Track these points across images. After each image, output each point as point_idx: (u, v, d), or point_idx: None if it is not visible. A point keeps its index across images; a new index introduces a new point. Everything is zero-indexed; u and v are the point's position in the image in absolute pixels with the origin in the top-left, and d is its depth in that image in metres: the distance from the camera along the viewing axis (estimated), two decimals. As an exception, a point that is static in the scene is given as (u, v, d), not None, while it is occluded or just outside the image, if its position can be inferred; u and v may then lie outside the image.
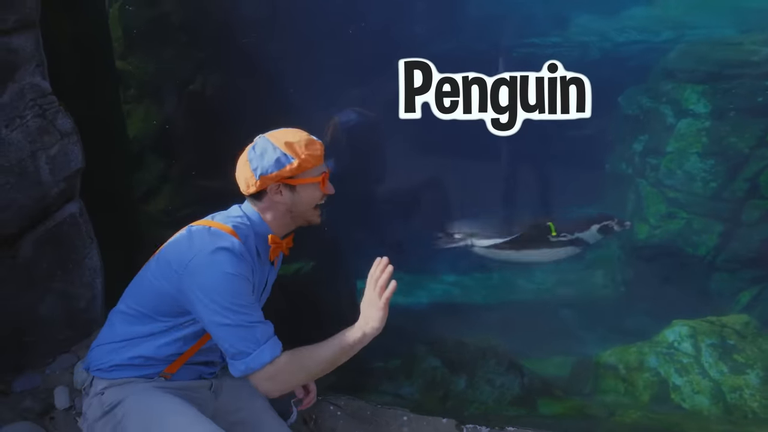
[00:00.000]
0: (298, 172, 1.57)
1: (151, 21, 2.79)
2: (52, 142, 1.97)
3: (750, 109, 3.63)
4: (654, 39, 5.99)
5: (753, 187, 3.59)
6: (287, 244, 1.69)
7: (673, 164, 3.88)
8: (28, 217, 1.95)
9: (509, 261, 3.96)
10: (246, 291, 1.48)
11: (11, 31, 1.85)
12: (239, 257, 1.49)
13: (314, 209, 1.64)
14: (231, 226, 1.55)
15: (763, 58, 3.74)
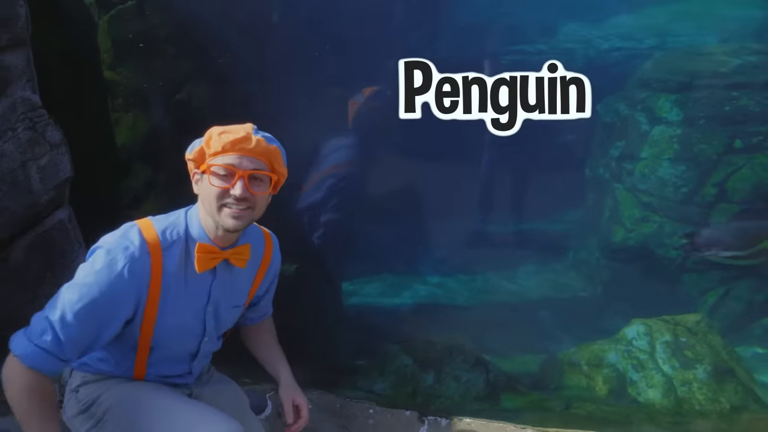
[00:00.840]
0: (201, 157, 1.37)
1: (139, 33, 2.92)
2: (42, 153, 2.10)
3: (718, 118, 3.77)
4: (638, 46, 6.14)
5: (721, 192, 3.73)
6: (235, 254, 1.45)
7: (647, 169, 4.02)
8: (19, 223, 2.07)
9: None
10: (92, 297, 1.28)
11: (4, 48, 1.98)
12: (123, 260, 1.30)
13: (219, 208, 1.36)
14: (157, 229, 1.38)
15: (731, 69, 3.88)
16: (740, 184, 3.70)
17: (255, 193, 1.37)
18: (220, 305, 1.51)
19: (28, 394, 1.28)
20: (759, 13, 5.64)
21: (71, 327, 1.28)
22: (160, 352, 1.46)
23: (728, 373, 2.21)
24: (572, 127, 5.22)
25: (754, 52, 4.09)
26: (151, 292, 1.36)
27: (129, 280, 1.31)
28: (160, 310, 1.39)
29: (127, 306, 1.34)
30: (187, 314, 1.45)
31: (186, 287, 1.42)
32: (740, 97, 3.76)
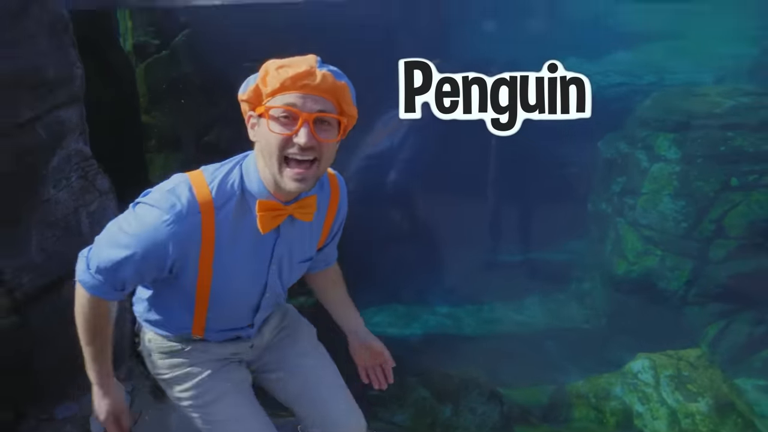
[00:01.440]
0: (257, 97, 1.17)
1: (173, 80, 3.12)
2: (92, 200, 2.27)
3: (714, 157, 3.96)
4: (637, 82, 6.38)
5: (719, 228, 3.90)
6: (300, 207, 1.27)
7: (648, 204, 4.20)
8: (69, 264, 2.23)
9: None
10: (138, 255, 1.19)
11: (60, 105, 2.16)
12: (165, 223, 1.17)
13: (279, 159, 1.16)
14: (209, 183, 1.21)
15: (725, 110, 4.08)
16: (737, 220, 3.87)
17: (322, 140, 1.16)
18: (285, 262, 1.36)
19: (88, 314, 1.29)
20: (753, 51, 5.90)
21: (118, 271, 1.22)
22: (218, 309, 1.34)
23: (729, 406, 2.35)
24: (575, 161, 5.44)
25: (747, 93, 4.30)
26: (203, 253, 1.23)
27: (175, 241, 1.18)
28: (215, 270, 1.27)
29: (177, 261, 1.22)
30: (247, 274, 1.32)
31: (244, 247, 1.26)
32: (735, 137, 3.96)
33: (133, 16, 2.85)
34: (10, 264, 2.07)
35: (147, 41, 2.92)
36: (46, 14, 2.08)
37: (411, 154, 4.44)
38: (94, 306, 1.30)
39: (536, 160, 5.07)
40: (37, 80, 2.06)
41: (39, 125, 2.10)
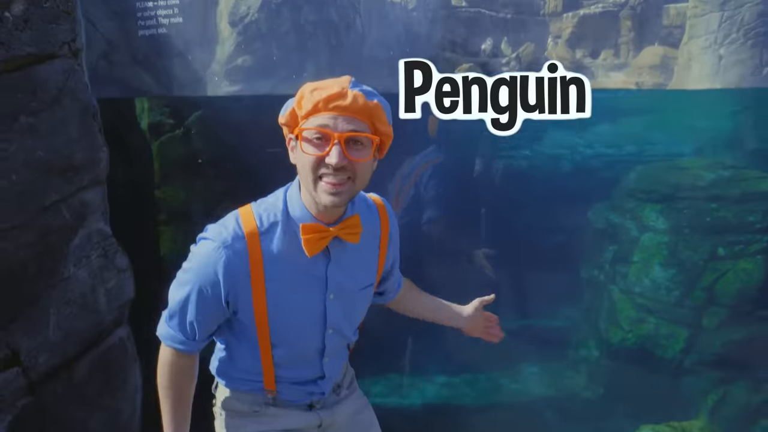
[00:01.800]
0: (293, 120, 1.23)
1: (184, 157, 3.24)
2: (110, 277, 2.32)
3: (701, 227, 4.13)
4: (619, 153, 6.68)
5: (710, 295, 4.02)
6: (345, 228, 1.27)
7: (640, 273, 4.32)
8: (85, 342, 2.26)
9: None
10: (194, 293, 1.27)
11: (86, 187, 2.25)
12: (213, 253, 1.23)
13: (314, 180, 1.20)
14: (255, 213, 1.27)
15: (708, 182, 4.30)
16: (727, 288, 4.00)
17: (354, 159, 1.18)
18: (344, 290, 1.34)
19: (166, 370, 1.35)
20: (728, 125, 6.23)
21: (185, 312, 1.29)
22: (282, 349, 1.34)
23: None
24: (565, 229, 5.59)
25: (727, 166, 4.54)
26: (255, 282, 1.25)
27: (224, 269, 1.22)
28: (269, 301, 1.28)
29: (231, 293, 1.26)
30: (303, 304, 1.31)
31: (296, 274, 1.27)
32: (719, 208, 4.14)
33: (150, 98, 2.99)
34: (27, 343, 2.10)
35: (162, 121, 3.05)
36: (77, 103, 2.21)
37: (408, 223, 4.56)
38: (172, 361, 1.35)
39: (529, 228, 5.22)
40: (66, 165, 2.17)
41: (63, 206, 2.18)
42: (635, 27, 12.27)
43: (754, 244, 3.99)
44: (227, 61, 3.51)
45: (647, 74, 11.00)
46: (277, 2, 3.52)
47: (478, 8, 12.20)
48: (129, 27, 2.68)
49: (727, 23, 8.17)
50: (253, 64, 3.49)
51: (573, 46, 12.10)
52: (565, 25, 12.65)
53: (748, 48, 7.96)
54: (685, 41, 8.72)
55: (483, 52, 11.24)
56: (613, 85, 10.25)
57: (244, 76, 3.50)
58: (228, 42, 3.55)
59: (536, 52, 11.48)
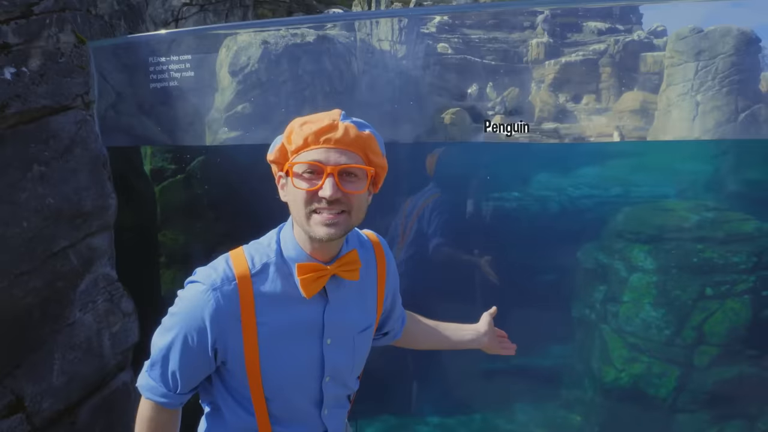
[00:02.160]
0: (283, 156, 1.19)
1: (185, 201, 3.31)
2: (115, 322, 2.35)
3: (688, 267, 4.24)
4: (605, 194, 6.87)
5: (700, 334, 4.09)
6: (343, 265, 1.20)
7: (630, 312, 4.40)
8: (88, 387, 2.27)
9: None
10: (179, 340, 1.19)
11: (94, 233, 2.30)
12: (200, 296, 1.15)
13: (307, 214, 1.15)
14: (246, 255, 1.20)
15: (693, 224, 4.45)
16: (716, 327, 4.08)
17: (349, 192, 1.13)
18: (343, 334, 1.25)
19: (145, 426, 1.27)
20: (707, 168, 6.44)
21: (168, 361, 1.21)
22: (278, 402, 1.23)
23: None
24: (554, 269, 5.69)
25: (710, 209, 4.70)
26: (246, 326, 1.16)
27: (212, 313, 1.15)
28: (261, 346, 1.18)
29: (219, 340, 1.17)
30: (298, 350, 1.21)
31: (290, 318, 1.19)
32: (704, 249, 4.27)
33: (153, 146, 3.07)
34: (32, 389, 2.11)
35: (163, 167, 3.12)
36: (88, 152, 2.29)
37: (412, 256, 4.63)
38: (151, 416, 1.26)
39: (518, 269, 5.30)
40: (75, 212, 2.23)
41: (72, 252, 2.23)
42: (615, 73, 12.77)
43: (740, 284, 4.10)
44: (227, 108, 3.62)
45: (628, 118, 11.38)
46: (277, 53, 3.66)
47: (464, 55, 12.66)
48: (137, 79, 2.78)
49: (702, 72, 8.58)
50: (252, 112, 3.60)
51: (556, 91, 12.54)
52: (548, 72, 13.14)
53: (723, 95, 8.33)
54: (664, 88, 9.09)
55: (469, 96, 11.60)
56: (595, 127, 10.58)
57: (243, 122, 3.61)
58: (228, 90, 3.67)
59: (520, 96, 11.87)
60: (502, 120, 10.45)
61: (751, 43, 8.22)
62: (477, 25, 12.55)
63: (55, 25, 2.21)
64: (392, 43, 8.45)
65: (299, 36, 3.70)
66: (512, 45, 12.71)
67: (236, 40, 3.80)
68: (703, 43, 8.35)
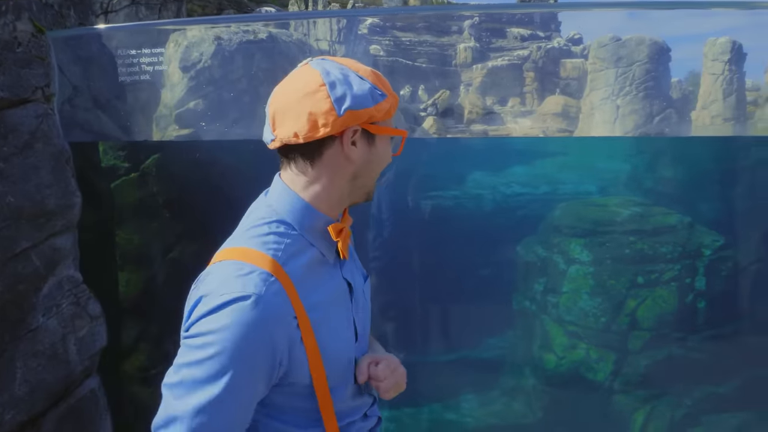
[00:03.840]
0: (384, 117, 1.07)
1: (140, 199, 3.18)
2: (82, 326, 2.23)
3: (621, 259, 4.57)
4: (534, 191, 7.24)
5: (633, 321, 4.43)
6: (347, 220, 1.14)
7: (569, 302, 4.67)
8: (53, 396, 2.15)
9: None
10: (229, 383, 0.93)
11: (57, 233, 2.18)
12: (251, 311, 0.93)
13: (376, 178, 1.13)
14: (256, 248, 1.01)
15: (624, 218, 4.80)
16: (647, 313, 4.42)
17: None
18: (358, 290, 1.18)
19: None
20: (626, 166, 6.95)
21: (227, 414, 0.93)
22: (340, 388, 1.10)
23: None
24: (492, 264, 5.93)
25: (637, 203, 5.08)
26: (301, 321, 0.99)
27: (275, 321, 0.96)
28: (318, 335, 1.02)
29: (285, 353, 0.98)
30: (340, 319, 1.10)
31: (326, 290, 1.07)
32: (636, 241, 4.61)
33: (105, 142, 2.94)
34: (-7, 400, 1.97)
35: (116, 164, 2.99)
36: (50, 148, 2.17)
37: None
38: None
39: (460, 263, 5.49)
40: (37, 211, 2.11)
41: (34, 253, 2.11)
42: (538, 78, 13.45)
43: (668, 273, 4.47)
44: (177, 104, 3.51)
45: (551, 120, 12.03)
46: (231, 50, 3.59)
47: (395, 57, 12.87)
48: (92, 72, 2.65)
49: (621, 78, 9.23)
50: (205, 108, 3.52)
51: (483, 94, 13.03)
52: (476, 75, 13.64)
53: (640, 99, 9.02)
54: (587, 93, 9.72)
55: (402, 98, 11.81)
56: (521, 129, 11.10)
57: (195, 119, 3.51)
58: (178, 87, 3.56)
59: (451, 99, 12.24)
60: (434, 121, 10.71)
61: (662, 52, 8.94)
62: (407, 27, 12.85)
63: (11, 12, 2.07)
64: (331, 43, 8.48)
65: (251, 33, 3.64)
66: (442, 48, 13.15)
67: (186, 36, 3.68)
68: (622, 51, 8.99)
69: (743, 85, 8.80)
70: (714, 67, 8.93)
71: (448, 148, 7.92)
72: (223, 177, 3.41)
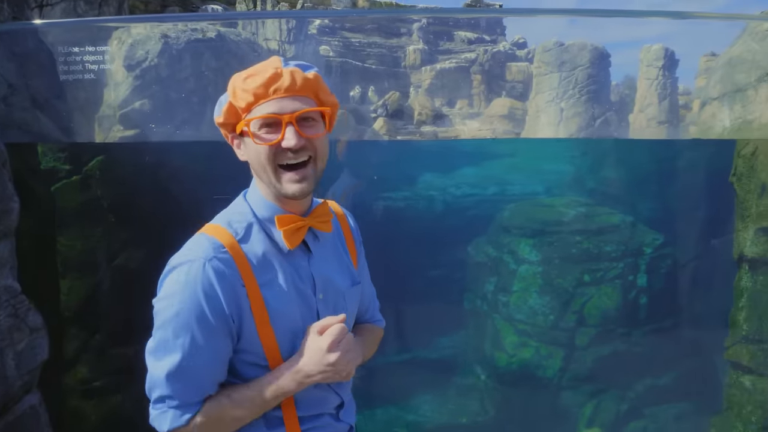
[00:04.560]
0: (233, 116, 1.14)
1: (83, 204, 3.04)
2: (20, 338, 2.10)
3: (568, 258, 4.71)
4: (483, 192, 7.38)
5: (580, 318, 4.57)
6: (317, 217, 1.20)
7: (519, 301, 4.78)
8: (-11, 414, 2.02)
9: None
10: (186, 334, 1.07)
11: (-7, 240, 2.05)
12: (195, 272, 1.08)
13: (275, 171, 1.13)
14: (224, 225, 1.15)
15: (571, 218, 4.94)
16: (593, 311, 4.58)
17: (311, 137, 1.12)
18: (333, 288, 1.23)
19: (225, 412, 1.11)
20: (569, 168, 7.18)
21: (192, 367, 1.08)
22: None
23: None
24: (444, 264, 6.00)
25: (582, 204, 5.24)
26: (250, 291, 1.11)
27: (219, 279, 1.08)
28: (270, 312, 1.13)
29: (234, 310, 1.10)
30: (300, 308, 1.17)
31: (284, 276, 1.15)
32: (582, 241, 4.76)
33: (44, 144, 2.79)
34: None
35: (56, 166, 2.85)
36: (-16, 149, 2.04)
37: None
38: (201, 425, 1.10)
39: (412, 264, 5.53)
40: (-28, 216, 1.97)
41: (-33, 262, 1.97)
42: (484, 81, 13.72)
43: (612, 271, 4.64)
44: (121, 104, 3.38)
45: (498, 122, 12.30)
46: (178, 48, 3.48)
47: (345, 58, 12.82)
48: (29, 69, 2.51)
49: (565, 81, 9.54)
50: (152, 108, 3.39)
51: (432, 96, 13.16)
52: (425, 77, 13.77)
53: (583, 103, 9.36)
54: (533, 96, 10.00)
55: (352, 99, 11.77)
56: (469, 131, 11.29)
57: (141, 119, 3.38)
58: (122, 86, 3.42)
59: (401, 100, 12.30)
60: (385, 122, 10.72)
61: (602, 58, 9.28)
62: (357, 29, 12.81)
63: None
64: (280, 43, 8.36)
65: (200, 32, 3.53)
66: (391, 50, 13.14)
67: (130, 33, 3.54)
68: (565, 56, 9.27)
69: (676, 90, 9.27)
70: (649, 73, 9.37)
71: (400, 150, 7.98)
72: (172, 180, 3.30)
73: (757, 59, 2.41)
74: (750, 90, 2.48)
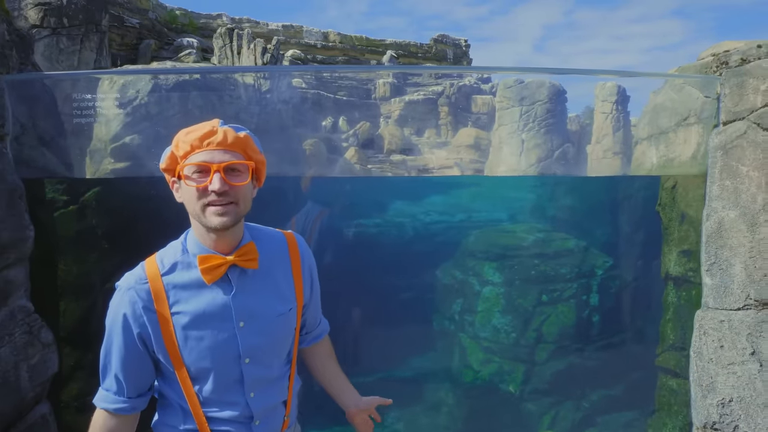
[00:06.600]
0: (173, 162, 1.36)
1: (79, 232, 3.27)
2: (34, 353, 2.33)
3: (528, 279, 5.08)
4: (451, 219, 7.75)
5: (539, 335, 4.92)
6: (241, 255, 1.41)
7: (483, 321, 5.11)
8: (3, 423, 2.24)
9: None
10: (113, 343, 1.41)
11: (10, 265, 2.29)
12: (120, 297, 1.39)
13: (201, 208, 1.35)
14: (156, 258, 1.43)
15: (530, 243, 5.33)
16: (551, 328, 4.94)
17: (234, 184, 1.33)
18: (258, 317, 1.43)
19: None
20: (531, 196, 7.63)
21: (110, 366, 1.42)
22: (202, 382, 1.42)
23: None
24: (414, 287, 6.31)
25: (540, 230, 5.65)
26: (161, 316, 1.36)
27: (131, 308, 1.37)
28: (178, 332, 1.38)
29: (143, 332, 1.39)
30: (212, 333, 1.39)
31: (201, 305, 1.39)
32: (540, 264, 5.14)
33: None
34: (-54, 430, 2.06)
35: (55, 197, 3.09)
36: (3, 185, 2.30)
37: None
38: (102, 423, 1.42)
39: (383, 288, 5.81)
40: (-7, 244, 2.22)
41: (-13, 285, 2.21)
42: (451, 112, 14.29)
43: (567, 291, 5.02)
44: (113, 139, 3.63)
45: (465, 152, 12.81)
46: (168, 87, 3.77)
47: (317, 90, 13.21)
48: (36, 111, 2.78)
49: (525, 115, 10.11)
50: (141, 143, 3.66)
51: (402, 125, 13.64)
52: (394, 108, 14.27)
53: (542, 135, 9.92)
54: (496, 127, 10.53)
55: (324, 128, 12.14)
56: (437, 160, 11.75)
57: (131, 154, 3.64)
58: (114, 122, 3.68)
59: (371, 130, 12.73)
60: (356, 151, 11.10)
61: (559, 94, 9.88)
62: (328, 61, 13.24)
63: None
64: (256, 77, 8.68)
65: (186, 74, 3.81)
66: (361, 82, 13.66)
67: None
68: (525, 92, 9.85)
69: (629, 123, 9.91)
70: (604, 107, 10.01)
71: (370, 180, 8.32)
72: (159, 211, 3.56)
73: (676, 107, 2.84)
74: (671, 132, 2.90)
